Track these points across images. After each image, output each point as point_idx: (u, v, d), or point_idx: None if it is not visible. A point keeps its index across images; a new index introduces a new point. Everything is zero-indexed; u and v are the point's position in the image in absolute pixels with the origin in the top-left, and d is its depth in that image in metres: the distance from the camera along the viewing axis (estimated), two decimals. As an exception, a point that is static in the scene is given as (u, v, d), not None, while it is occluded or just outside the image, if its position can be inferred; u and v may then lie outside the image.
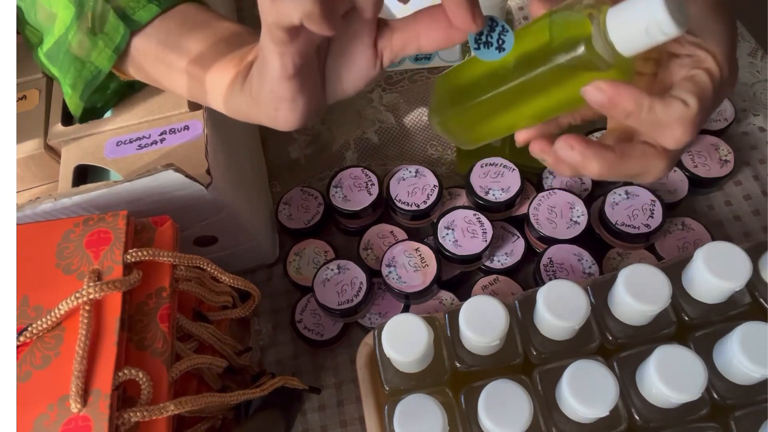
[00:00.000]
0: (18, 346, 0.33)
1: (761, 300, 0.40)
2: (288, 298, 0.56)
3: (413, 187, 0.53)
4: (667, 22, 0.28)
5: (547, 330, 0.39)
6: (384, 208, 0.56)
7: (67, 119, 0.49)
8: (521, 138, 0.36)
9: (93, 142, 0.46)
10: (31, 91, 0.50)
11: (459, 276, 0.54)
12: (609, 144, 0.35)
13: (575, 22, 0.30)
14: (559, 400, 0.37)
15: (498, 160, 0.53)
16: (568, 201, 0.51)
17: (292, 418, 0.48)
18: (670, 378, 0.34)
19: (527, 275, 0.54)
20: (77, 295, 0.32)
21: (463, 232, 0.51)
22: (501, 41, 0.33)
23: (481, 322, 0.37)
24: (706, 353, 0.38)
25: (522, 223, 0.54)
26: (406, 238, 0.54)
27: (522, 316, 0.41)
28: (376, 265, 0.52)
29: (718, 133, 0.56)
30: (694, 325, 0.40)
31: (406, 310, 0.52)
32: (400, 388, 0.40)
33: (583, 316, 0.37)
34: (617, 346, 0.40)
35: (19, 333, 0.32)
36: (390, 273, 0.50)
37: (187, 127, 0.45)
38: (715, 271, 0.37)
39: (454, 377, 0.40)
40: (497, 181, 0.52)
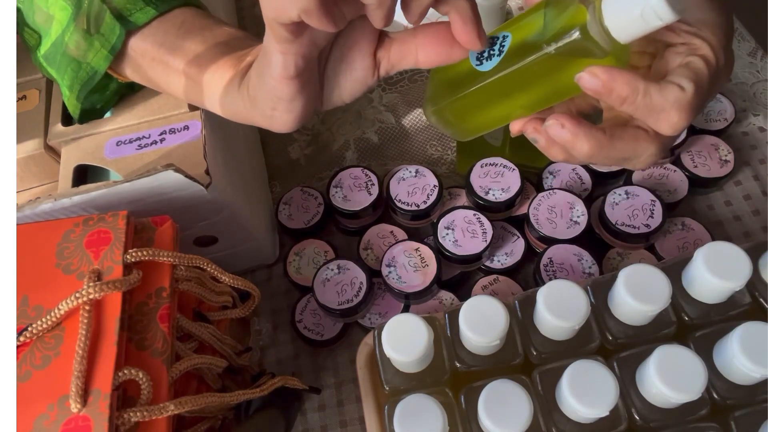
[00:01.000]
0: (18, 346, 0.33)
1: (761, 300, 0.40)
2: (288, 298, 0.56)
3: (413, 187, 0.53)
4: (663, 7, 0.28)
5: (547, 330, 0.39)
6: (384, 208, 0.56)
7: (67, 119, 0.49)
8: (515, 128, 0.36)
9: (93, 142, 0.46)
10: (31, 91, 0.50)
11: (459, 276, 0.54)
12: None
13: (570, 9, 0.30)
14: (559, 400, 0.37)
15: (498, 160, 0.53)
16: (568, 201, 0.51)
17: (292, 418, 0.48)
18: (670, 378, 0.34)
19: (527, 275, 0.54)
20: (77, 295, 0.32)
21: (463, 232, 0.51)
22: (502, 48, 0.33)
23: (481, 322, 0.37)
24: (706, 353, 0.38)
25: (522, 223, 0.54)
26: (406, 238, 0.54)
27: (522, 316, 0.41)
28: (376, 265, 0.52)
29: (718, 133, 0.56)
30: (694, 325, 0.40)
31: (406, 310, 0.52)
32: (400, 388, 0.40)
33: (583, 316, 0.37)
34: (617, 346, 0.40)
35: (19, 333, 0.32)
36: (390, 273, 0.50)
37: (187, 127, 0.45)
38: (715, 271, 0.37)
39: (454, 377, 0.40)
40: (497, 181, 0.52)
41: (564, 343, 0.39)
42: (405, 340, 0.38)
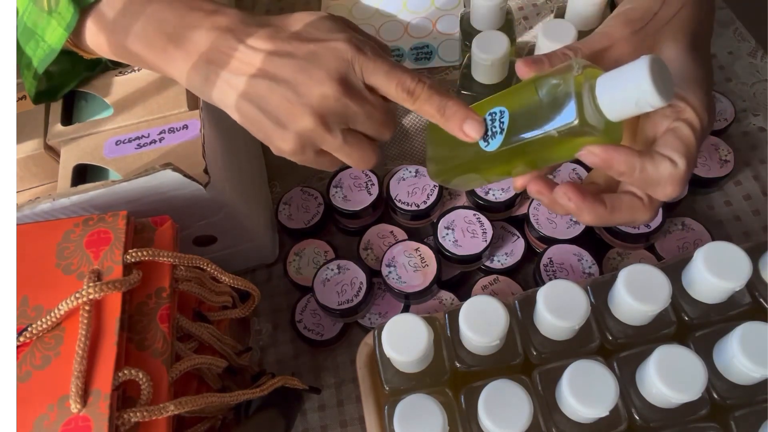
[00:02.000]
0: (18, 346, 0.33)
1: (761, 300, 0.40)
2: (288, 298, 0.56)
3: (413, 187, 0.53)
4: (655, 97, 0.30)
5: (547, 330, 0.39)
6: (384, 208, 0.56)
7: (66, 119, 0.49)
8: (518, 184, 0.38)
9: (92, 142, 0.46)
10: (31, 91, 0.50)
11: (459, 276, 0.54)
12: (596, 183, 0.38)
13: (567, 94, 0.32)
14: (559, 400, 0.37)
15: (498, 160, 0.53)
16: (568, 201, 0.51)
17: (292, 418, 0.48)
18: (670, 378, 0.34)
19: (527, 275, 0.54)
20: (77, 295, 0.32)
21: (463, 232, 0.51)
22: (502, 125, 0.35)
23: (481, 322, 0.37)
24: (706, 353, 0.38)
25: (522, 223, 0.54)
26: (406, 238, 0.54)
27: (522, 316, 0.41)
28: (376, 265, 0.52)
29: (718, 133, 0.56)
30: (694, 325, 0.40)
31: (406, 310, 0.52)
32: (400, 388, 0.40)
33: (583, 316, 0.37)
34: (617, 346, 0.40)
35: (19, 333, 0.32)
36: (390, 273, 0.50)
37: (186, 127, 0.45)
38: (715, 271, 0.37)
39: (454, 377, 0.40)
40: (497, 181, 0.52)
41: (564, 343, 0.39)
42: (405, 340, 0.38)
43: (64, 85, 0.47)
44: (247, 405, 0.43)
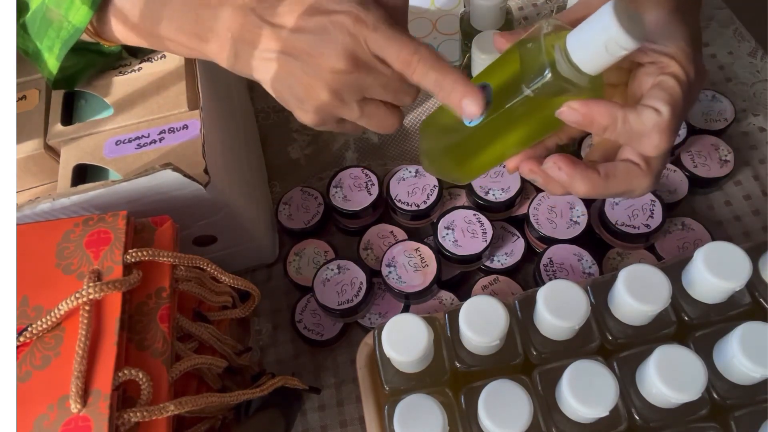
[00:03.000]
0: (18, 346, 0.33)
1: (761, 300, 0.40)
2: (288, 298, 0.56)
3: (413, 187, 0.53)
4: (623, 37, 0.29)
5: (547, 330, 0.39)
6: (384, 208, 0.56)
7: (66, 119, 0.49)
8: (511, 166, 0.38)
9: (92, 142, 0.46)
10: (31, 91, 0.50)
11: (459, 276, 0.54)
12: (594, 160, 0.36)
13: (538, 52, 0.32)
14: (559, 400, 0.37)
15: (498, 160, 0.53)
16: (568, 201, 0.51)
17: (292, 418, 0.48)
18: (670, 378, 0.34)
19: (527, 275, 0.54)
20: (77, 295, 0.32)
21: (463, 232, 0.51)
22: (487, 99, 0.35)
23: (481, 322, 0.37)
24: (706, 353, 0.38)
25: (522, 223, 0.54)
26: (406, 238, 0.54)
27: (522, 316, 0.41)
28: (376, 265, 0.52)
29: (718, 133, 0.56)
30: (694, 325, 0.40)
31: (406, 310, 0.52)
32: (400, 388, 0.40)
33: (583, 316, 0.37)
34: (617, 346, 0.40)
35: (19, 333, 0.32)
36: (390, 273, 0.50)
37: (186, 127, 0.45)
38: (715, 271, 0.37)
39: (454, 377, 0.40)
40: (497, 181, 0.52)
41: (564, 343, 0.39)
42: (405, 340, 0.38)
43: (81, 73, 0.47)
44: (247, 405, 0.43)
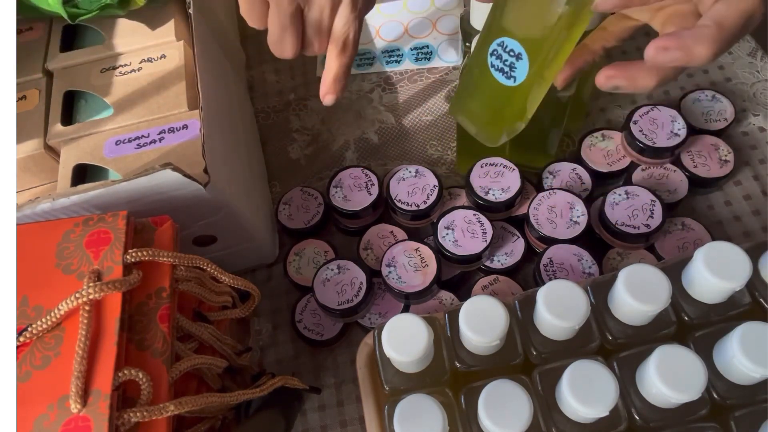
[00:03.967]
0: (18, 346, 0.33)
1: (761, 300, 0.40)
2: (288, 298, 0.56)
3: (413, 187, 0.53)
4: None
5: (547, 330, 0.39)
6: (384, 208, 0.56)
7: (66, 119, 0.49)
8: (561, 78, 0.36)
9: (92, 142, 0.46)
10: (31, 91, 0.50)
11: (459, 276, 0.54)
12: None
13: None
14: (559, 400, 0.37)
15: (498, 160, 0.53)
16: (568, 201, 0.51)
17: (292, 418, 0.48)
18: (670, 378, 0.34)
19: (527, 275, 0.54)
20: (77, 295, 0.32)
21: (463, 232, 0.51)
22: (512, 52, 0.33)
23: (481, 322, 0.37)
24: (706, 353, 0.38)
25: (522, 223, 0.54)
26: (406, 238, 0.54)
27: (522, 316, 0.41)
28: (376, 265, 0.52)
29: (718, 133, 0.56)
30: (694, 325, 0.40)
31: (406, 310, 0.52)
32: (400, 388, 0.40)
33: (583, 316, 0.37)
34: (617, 346, 0.40)
35: (19, 333, 0.32)
36: (390, 273, 0.50)
37: (186, 126, 0.45)
38: (715, 271, 0.37)
39: (454, 377, 0.40)
40: (497, 181, 0.52)
41: (564, 343, 0.39)
42: (405, 340, 0.38)
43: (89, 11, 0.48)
44: (247, 405, 0.43)
